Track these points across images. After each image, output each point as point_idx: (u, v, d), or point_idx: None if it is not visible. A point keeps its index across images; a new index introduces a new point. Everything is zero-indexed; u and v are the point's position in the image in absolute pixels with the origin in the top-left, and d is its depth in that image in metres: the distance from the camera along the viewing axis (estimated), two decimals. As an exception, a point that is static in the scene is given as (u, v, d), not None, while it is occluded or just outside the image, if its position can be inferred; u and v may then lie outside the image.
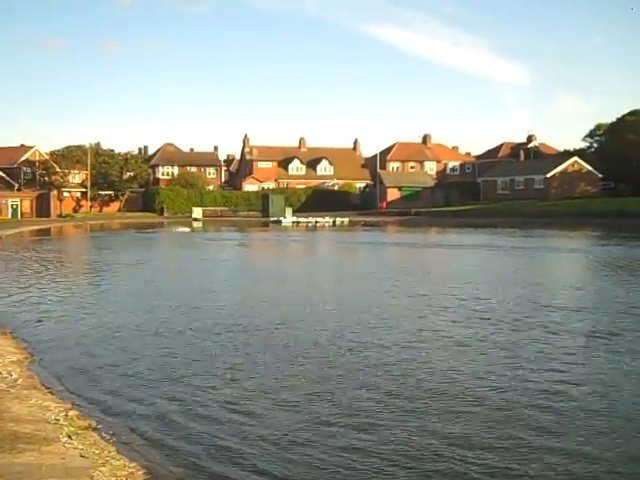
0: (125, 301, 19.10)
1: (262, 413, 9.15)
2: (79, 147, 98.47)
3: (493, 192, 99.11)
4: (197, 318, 16.02)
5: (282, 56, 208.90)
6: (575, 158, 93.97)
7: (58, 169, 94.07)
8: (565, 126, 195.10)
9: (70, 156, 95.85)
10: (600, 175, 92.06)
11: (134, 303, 18.64)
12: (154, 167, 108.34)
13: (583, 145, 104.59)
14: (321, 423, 8.74)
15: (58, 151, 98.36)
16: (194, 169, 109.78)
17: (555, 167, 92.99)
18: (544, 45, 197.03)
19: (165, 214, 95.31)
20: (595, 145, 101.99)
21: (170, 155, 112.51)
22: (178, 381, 10.75)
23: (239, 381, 10.71)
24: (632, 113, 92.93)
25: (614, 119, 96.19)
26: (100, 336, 14.13)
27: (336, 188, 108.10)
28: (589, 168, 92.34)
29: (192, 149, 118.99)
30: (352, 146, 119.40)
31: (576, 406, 9.32)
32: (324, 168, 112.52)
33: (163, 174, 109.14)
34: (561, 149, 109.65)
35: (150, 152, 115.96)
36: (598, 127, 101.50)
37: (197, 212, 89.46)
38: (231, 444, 8.09)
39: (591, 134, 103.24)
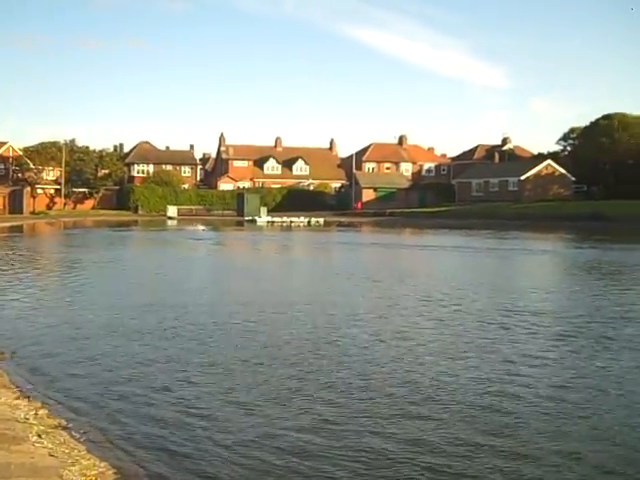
0: (95, 299, 18.98)
1: (220, 415, 9.20)
2: (53, 144, 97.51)
3: (468, 194, 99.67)
4: (164, 317, 16.02)
5: (259, 55, 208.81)
6: (549, 161, 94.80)
7: (32, 165, 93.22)
8: (540, 129, 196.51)
9: (44, 152, 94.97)
10: (573, 178, 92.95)
11: (104, 302, 18.52)
12: (129, 165, 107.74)
13: (557, 148, 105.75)
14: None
15: (32, 147, 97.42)
16: (169, 167, 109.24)
17: (529, 170, 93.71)
18: (521, 48, 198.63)
19: (140, 212, 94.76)
20: (569, 148, 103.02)
21: (145, 153, 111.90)
22: (142, 381, 10.77)
23: (201, 384, 10.75)
24: (605, 117, 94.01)
25: (588, 123, 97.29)
26: (69, 335, 14.08)
27: (311, 188, 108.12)
28: (562, 171, 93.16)
29: (168, 147, 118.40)
30: (328, 146, 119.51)
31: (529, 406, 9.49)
32: (300, 168, 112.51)
33: (138, 172, 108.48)
34: (535, 152, 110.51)
35: (126, 150, 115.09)
36: (572, 130, 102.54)
37: (172, 211, 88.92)
38: (196, 444, 8.13)
39: (565, 137, 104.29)
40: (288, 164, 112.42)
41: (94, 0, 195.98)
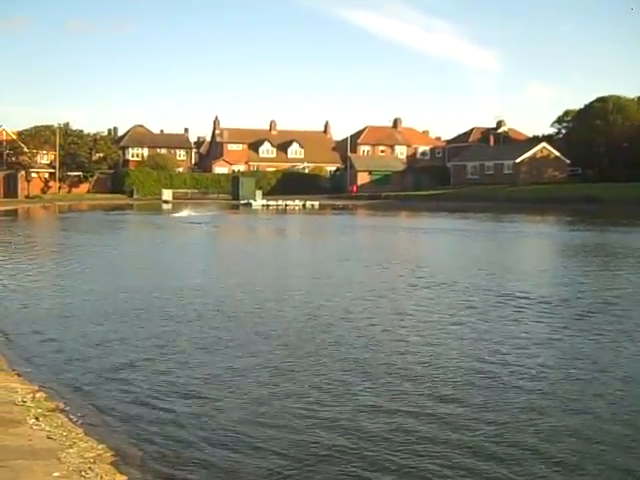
0: (88, 283, 19.03)
1: (217, 396, 9.30)
2: (47, 127, 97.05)
3: (463, 177, 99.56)
4: (165, 302, 16.11)
5: (253, 38, 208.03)
6: (544, 144, 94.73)
7: (26, 149, 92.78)
8: (534, 112, 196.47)
9: (38, 136, 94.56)
10: (568, 161, 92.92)
11: (103, 286, 18.59)
12: (124, 149, 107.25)
13: (552, 131, 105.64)
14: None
15: (26, 131, 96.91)
16: (164, 151, 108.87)
17: (524, 152, 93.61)
18: (515, 32, 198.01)
19: (135, 196, 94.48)
20: (563, 131, 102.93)
21: (140, 136, 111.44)
22: (139, 365, 10.85)
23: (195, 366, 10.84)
24: (600, 100, 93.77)
25: (582, 106, 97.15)
26: (65, 318, 14.15)
27: (306, 171, 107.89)
28: (557, 154, 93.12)
29: (162, 131, 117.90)
30: (323, 129, 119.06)
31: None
32: (295, 151, 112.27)
33: (133, 156, 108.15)
34: (530, 135, 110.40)
35: (120, 133, 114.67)
36: (566, 113, 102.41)
37: (167, 194, 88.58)
38: (195, 425, 8.22)
39: (559, 120, 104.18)
40: (283, 147, 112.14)
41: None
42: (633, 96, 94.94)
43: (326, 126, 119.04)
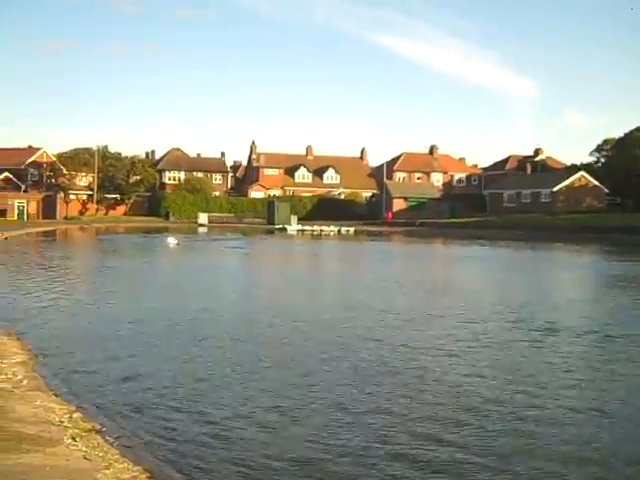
0: (124, 306, 19.10)
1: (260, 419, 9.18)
2: (86, 150, 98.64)
3: (499, 205, 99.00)
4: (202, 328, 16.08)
5: (291, 63, 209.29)
6: (582, 172, 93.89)
7: (65, 171, 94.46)
8: (572, 140, 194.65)
9: (77, 158, 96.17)
10: (606, 190, 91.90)
11: (141, 308, 18.65)
12: (161, 172, 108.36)
13: (590, 160, 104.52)
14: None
15: (65, 153, 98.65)
16: (200, 174, 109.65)
17: (562, 181, 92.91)
18: (553, 58, 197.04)
19: (171, 219, 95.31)
20: (602, 160, 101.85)
21: (177, 160, 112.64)
22: (179, 384, 10.81)
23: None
24: (639, 129, 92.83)
25: (622, 134, 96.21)
26: (102, 340, 14.14)
27: (342, 197, 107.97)
28: (595, 183, 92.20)
29: (199, 154, 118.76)
30: (359, 155, 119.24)
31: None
32: (330, 177, 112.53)
33: (170, 179, 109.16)
34: (568, 163, 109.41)
35: (157, 156, 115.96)
36: (605, 142, 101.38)
37: (203, 218, 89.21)
38: (231, 453, 8.12)
39: (598, 149, 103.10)
40: (319, 173, 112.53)
41: (120, 6, 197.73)
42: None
43: (362, 152, 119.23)
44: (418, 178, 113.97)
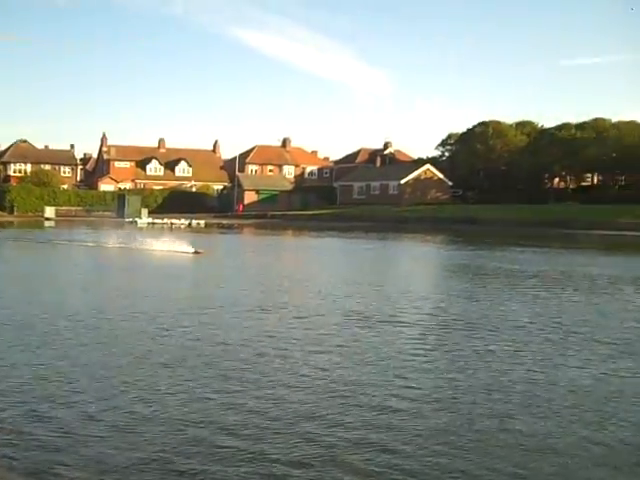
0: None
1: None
2: None
3: (350, 197, 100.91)
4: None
5: (144, 55, 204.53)
6: (428, 166, 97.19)
7: None
8: (421, 134, 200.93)
9: None
10: (450, 183, 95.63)
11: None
12: (5, 164, 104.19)
13: (436, 153, 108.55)
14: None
15: None
16: (48, 167, 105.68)
17: (409, 174, 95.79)
18: (406, 54, 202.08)
19: (15, 213, 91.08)
20: (447, 154, 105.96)
21: (23, 152, 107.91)
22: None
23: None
24: (481, 124, 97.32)
25: (465, 129, 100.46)
26: None
27: (194, 190, 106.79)
28: (440, 176, 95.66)
29: (47, 146, 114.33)
30: (212, 148, 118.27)
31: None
32: (183, 170, 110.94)
33: (15, 171, 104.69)
34: (416, 157, 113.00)
35: (1, 149, 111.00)
36: (450, 136, 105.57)
37: (49, 211, 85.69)
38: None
39: (443, 143, 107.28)
40: (171, 166, 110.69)
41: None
42: (511, 122, 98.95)
43: (215, 145, 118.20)
44: (270, 170, 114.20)
